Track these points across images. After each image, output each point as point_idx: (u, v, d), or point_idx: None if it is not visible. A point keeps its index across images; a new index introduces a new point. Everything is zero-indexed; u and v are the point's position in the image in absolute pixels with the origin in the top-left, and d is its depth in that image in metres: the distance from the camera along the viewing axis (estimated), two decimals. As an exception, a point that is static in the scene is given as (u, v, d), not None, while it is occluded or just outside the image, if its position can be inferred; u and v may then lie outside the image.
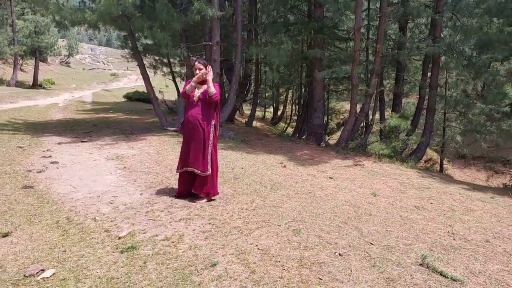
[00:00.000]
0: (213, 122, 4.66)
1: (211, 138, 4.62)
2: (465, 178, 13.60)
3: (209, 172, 4.62)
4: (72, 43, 54.64)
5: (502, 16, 10.68)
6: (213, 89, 4.52)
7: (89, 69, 54.60)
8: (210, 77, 4.55)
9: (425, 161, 14.69)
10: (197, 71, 4.52)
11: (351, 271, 3.11)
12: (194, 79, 4.55)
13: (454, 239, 4.06)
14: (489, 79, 11.06)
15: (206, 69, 4.51)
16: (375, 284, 2.92)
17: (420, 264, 3.33)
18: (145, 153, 7.71)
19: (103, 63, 63.57)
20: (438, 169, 12.90)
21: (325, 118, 15.37)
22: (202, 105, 4.57)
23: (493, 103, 9.26)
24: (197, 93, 4.59)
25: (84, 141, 8.77)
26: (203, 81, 4.59)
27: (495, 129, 10.91)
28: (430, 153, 15.28)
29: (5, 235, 3.52)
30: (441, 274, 3.16)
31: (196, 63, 4.58)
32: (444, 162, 13.75)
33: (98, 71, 53.61)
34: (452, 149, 13.54)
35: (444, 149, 12.86)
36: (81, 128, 10.90)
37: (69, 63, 53.26)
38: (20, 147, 7.65)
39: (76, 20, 9.25)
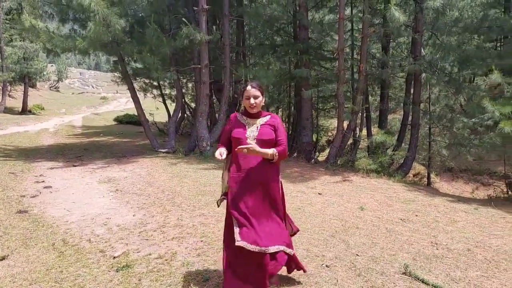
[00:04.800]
0: (280, 177, 3.14)
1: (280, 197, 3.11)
2: (453, 191, 13.85)
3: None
4: (61, 68, 54.71)
5: (479, 34, 11.14)
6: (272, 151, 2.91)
7: (78, 93, 54.59)
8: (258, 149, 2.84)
9: (414, 175, 14.92)
10: (250, 101, 2.95)
11: (337, 281, 3.27)
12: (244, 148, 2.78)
13: (437, 249, 4.24)
14: (469, 94, 11.46)
15: (262, 96, 3.00)
16: (360, 292, 3.08)
17: (403, 273, 3.49)
18: (137, 175, 7.83)
19: (93, 87, 63.63)
20: (426, 182, 13.15)
21: (315, 136, 15.63)
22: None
23: (474, 117, 9.59)
24: (251, 132, 2.98)
25: (76, 165, 8.87)
26: (256, 115, 3.04)
27: (478, 142, 11.21)
28: (418, 167, 15.52)
29: (2, 258, 3.63)
30: (422, 282, 3.33)
31: (249, 88, 2.98)
32: (432, 175, 14.01)
33: (88, 95, 53.64)
34: (439, 162, 13.82)
35: (431, 163, 13.14)
36: (73, 153, 10.99)
37: (58, 88, 53.22)
38: (12, 173, 7.73)
39: (67, 48, 9.46)
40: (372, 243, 4.30)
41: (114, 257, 3.67)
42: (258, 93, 2.96)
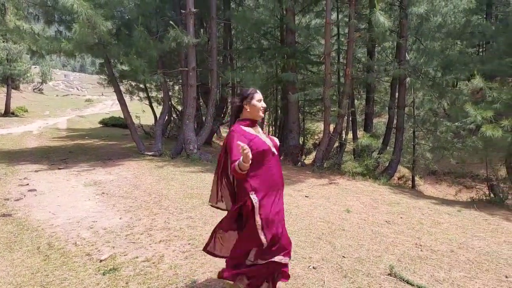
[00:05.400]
0: None
1: None
2: (436, 193, 14.07)
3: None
4: (45, 70, 53.89)
5: (461, 39, 11.39)
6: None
7: (63, 96, 53.84)
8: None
9: (398, 178, 15.12)
10: (262, 104, 2.82)
11: (324, 282, 3.31)
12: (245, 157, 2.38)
13: (421, 250, 4.31)
14: (453, 98, 11.68)
15: None
16: (346, 293, 3.13)
17: (389, 274, 3.55)
18: (123, 178, 7.78)
19: (77, 89, 62.82)
20: (410, 185, 13.33)
21: (301, 139, 15.73)
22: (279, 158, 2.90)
23: (457, 121, 9.78)
24: (267, 140, 2.80)
25: (60, 168, 8.76)
26: (257, 122, 2.87)
27: (461, 146, 11.41)
28: (403, 170, 15.74)
29: (-14, 262, 3.58)
30: (407, 283, 3.39)
31: (258, 91, 2.84)
32: (416, 178, 14.21)
33: (72, 97, 52.94)
34: (423, 165, 14.03)
35: (415, 166, 13.32)
36: (57, 155, 10.84)
37: (42, 90, 52.41)
38: (-5, 176, 7.60)
39: (52, 50, 9.35)
40: (358, 245, 4.35)
41: (101, 261, 3.64)
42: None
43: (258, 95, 2.79)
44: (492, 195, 9.94)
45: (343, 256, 3.96)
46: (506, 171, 9.89)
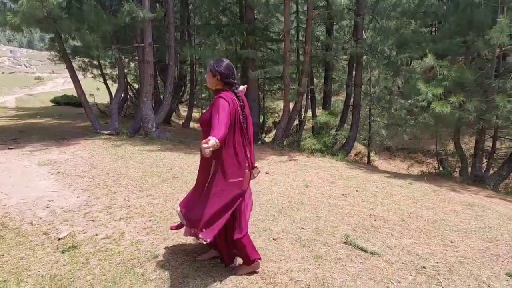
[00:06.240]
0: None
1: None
2: (390, 168, 14.70)
3: None
4: (-11, 45, 50.50)
5: (415, 19, 11.75)
6: None
7: (9, 73, 50.75)
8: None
9: (355, 154, 15.64)
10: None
11: (284, 252, 3.43)
12: None
13: (375, 220, 4.54)
14: (406, 77, 12.11)
15: (209, 75, 3.00)
16: (304, 261, 3.27)
17: (344, 242, 3.73)
18: (79, 157, 7.55)
19: (25, 66, 59.33)
20: (366, 161, 13.84)
21: (261, 117, 15.82)
22: None
23: (410, 99, 10.18)
24: None
25: (11, 148, 8.36)
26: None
27: (414, 122, 11.91)
28: (359, 147, 16.28)
29: None
30: (361, 249, 3.58)
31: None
32: (372, 154, 14.75)
33: (20, 75, 50.00)
34: (378, 142, 14.56)
35: (371, 143, 13.81)
36: (7, 135, 10.32)
37: (-14, 66, 49.15)
38: None
39: (-4, 23, 8.76)
40: (316, 217, 4.52)
41: (59, 239, 3.57)
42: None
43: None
44: (441, 168, 10.53)
45: (302, 228, 4.10)
46: (454, 146, 10.47)
